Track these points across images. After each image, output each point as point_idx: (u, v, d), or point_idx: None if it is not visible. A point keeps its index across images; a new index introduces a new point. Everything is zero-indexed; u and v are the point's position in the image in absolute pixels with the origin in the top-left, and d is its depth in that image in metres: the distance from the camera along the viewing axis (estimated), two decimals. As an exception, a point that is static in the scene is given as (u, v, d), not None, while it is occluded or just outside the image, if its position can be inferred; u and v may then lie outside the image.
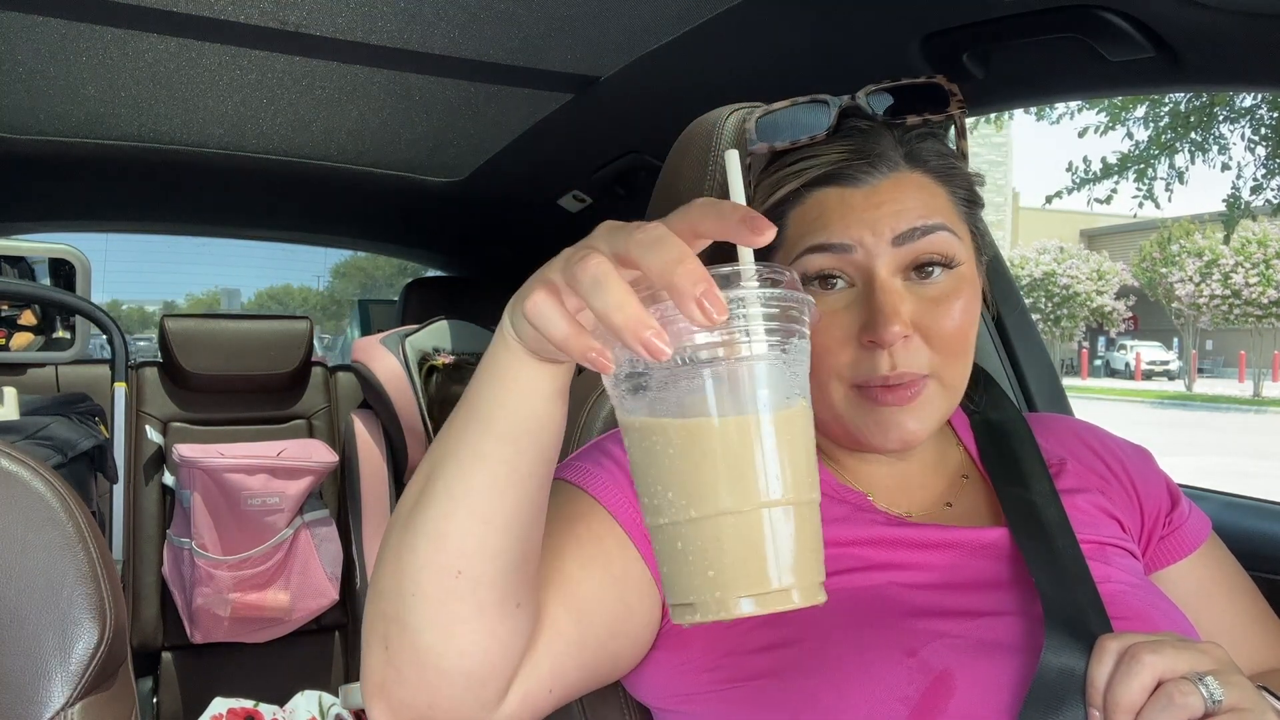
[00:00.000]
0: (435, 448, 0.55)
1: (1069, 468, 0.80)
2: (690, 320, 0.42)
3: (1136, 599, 0.70)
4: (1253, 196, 9.24)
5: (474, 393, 0.53)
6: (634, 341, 0.42)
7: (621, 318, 0.42)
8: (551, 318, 0.45)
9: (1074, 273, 23.95)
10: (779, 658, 0.64)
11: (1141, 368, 25.19)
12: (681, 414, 0.45)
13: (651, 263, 0.43)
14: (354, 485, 2.11)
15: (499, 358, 0.52)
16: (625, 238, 0.44)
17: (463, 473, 0.52)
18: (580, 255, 0.44)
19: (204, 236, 2.72)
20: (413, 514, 0.54)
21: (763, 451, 0.46)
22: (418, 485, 0.55)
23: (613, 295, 0.43)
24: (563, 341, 0.45)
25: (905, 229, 0.69)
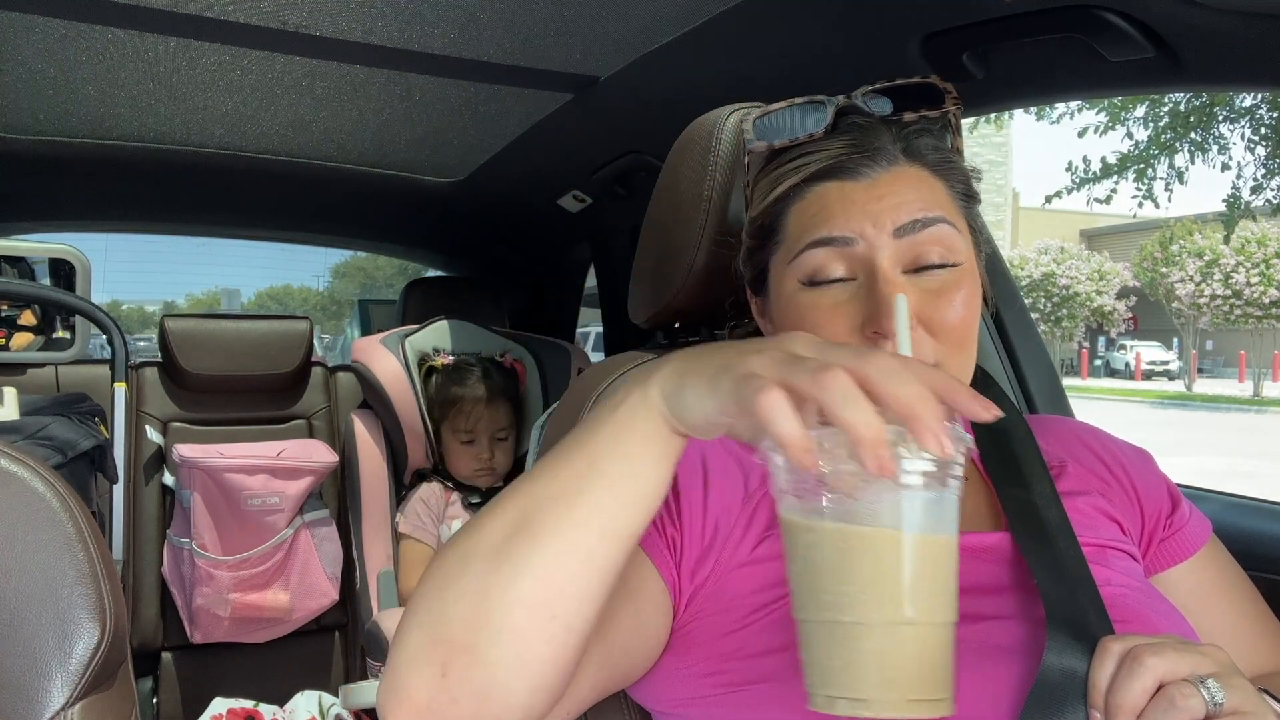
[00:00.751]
0: (537, 487, 0.55)
1: (1069, 470, 0.80)
2: (925, 448, 0.46)
3: (1137, 602, 0.70)
4: (1253, 196, 9.24)
5: (598, 451, 0.54)
6: (872, 457, 0.45)
7: (871, 434, 0.45)
8: (790, 418, 0.46)
9: (1074, 273, 23.95)
10: (780, 662, 0.64)
11: (1141, 368, 25.19)
12: (894, 525, 0.49)
13: (898, 392, 0.46)
14: (354, 485, 2.11)
15: (638, 426, 0.54)
16: (862, 361, 0.47)
17: (576, 523, 0.53)
18: (819, 367, 0.47)
19: (204, 236, 2.72)
20: (510, 551, 0.53)
21: (949, 572, 0.51)
22: (510, 521, 0.54)
23: (863, 412, 0.45)
24: (792, 441, 0.46)
25: (906, 221, 0.69)
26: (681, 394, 0.52)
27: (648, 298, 0.99)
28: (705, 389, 0.51)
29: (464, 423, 2.04)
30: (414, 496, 2.06)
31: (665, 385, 0.53)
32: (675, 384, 0.53)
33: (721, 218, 0.90)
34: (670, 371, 0.54)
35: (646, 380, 0.55)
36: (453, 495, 2.07)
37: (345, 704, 1.66)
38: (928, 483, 0.49)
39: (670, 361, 0.55)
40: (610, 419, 0.54)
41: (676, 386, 0.52)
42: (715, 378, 0.50)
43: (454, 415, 2.04)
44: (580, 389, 0.94)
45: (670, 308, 0.97)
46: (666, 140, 0.98)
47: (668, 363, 0.55)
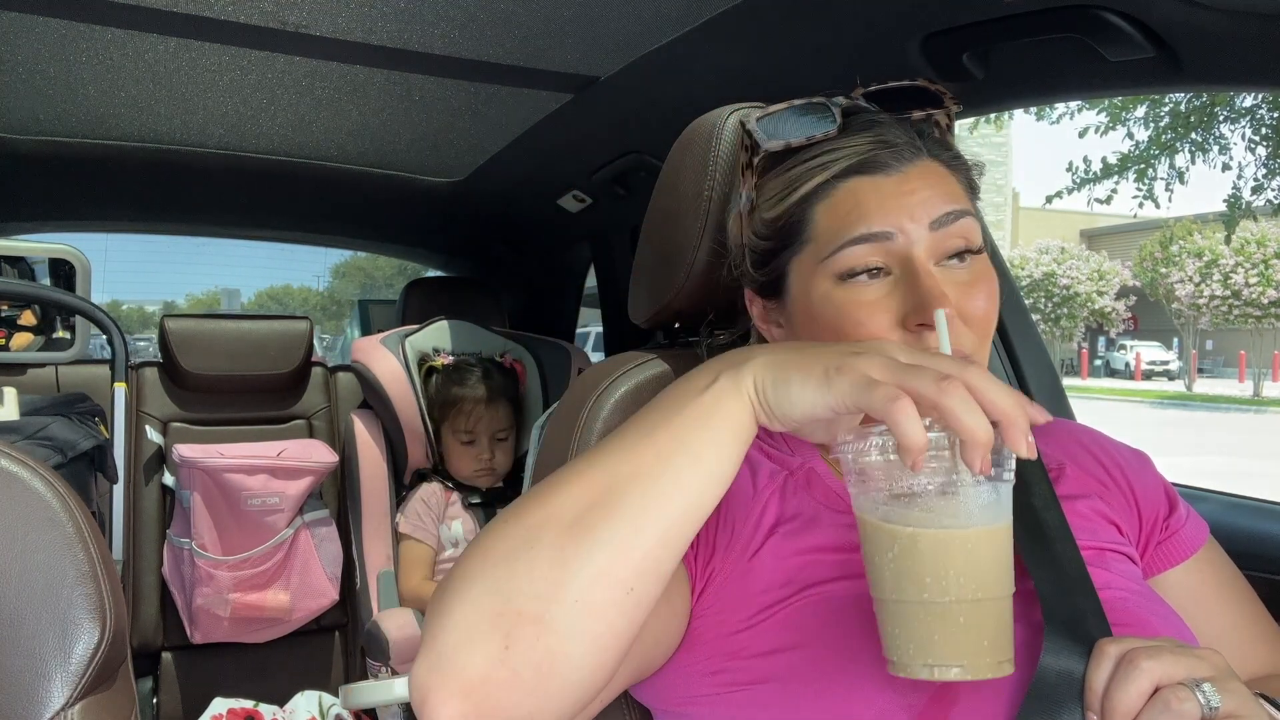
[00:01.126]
0: (615, 463, 0.56)
1: (1068, 473, 0.80)
2: (1015, 450, 0.52)
3: (1136, 605, 0.70)
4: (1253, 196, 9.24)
5: (685, 430, 0.56)
6: (979, 456, 0.51)
7: (985, 438, 0.51)
8: (919, 425, 0.51)
9: (1074, 273, 23.95)
10: (781, 662, 0.64)
11: (1141, 368, 25.18)
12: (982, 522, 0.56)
13: (1000, 400, 0.52)
14: (354, 485, 2.11)
15: (728, 410, 0.56)
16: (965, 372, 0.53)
17: (661, 498, 0.55)
18: (939, 374, 0.52)
19: (204, 236, 2.72)
20: (589, 524, 0.54)
21: (1010, 550, 0.57)
22: (588, 495, 0.55)
23: (980, 419, 0.51)
24: (919, 446, 0.51)
25: (940, 214, 0.70)
26: (785, 387, 0.55)
27: (647, 298, 0.99)
28: (817, 385, 0.54)
29: (464, 423, 2.04)
30: (414, 496, 2.06)
31: (762, 376, 0.56)
32: (775, 377, 0.56)
33: (721, 218, 0.90)
34: (767, 364, 0.57)
35: (737, 368, 0.57)
36: (453, 495, 2.07)
37: (345, 704, 1.66)
38: (1007, 479, 0.56)
39: (762, 353, 0.58)
40: (696, 401, 0.57)
41: (778, 380, 0.56)
42: (827, 376, 0.54)
43: (454, 415, 2.04)
44: (580, 389, 0.94)
45: (670, 308, 0.97)
46: (666, 140, 0.98)
47: (759, 354, 0.58)
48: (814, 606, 0.66)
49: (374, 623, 1.89)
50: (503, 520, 0.57)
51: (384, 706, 1.69)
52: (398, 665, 1.85)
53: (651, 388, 0.94)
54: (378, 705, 1.66)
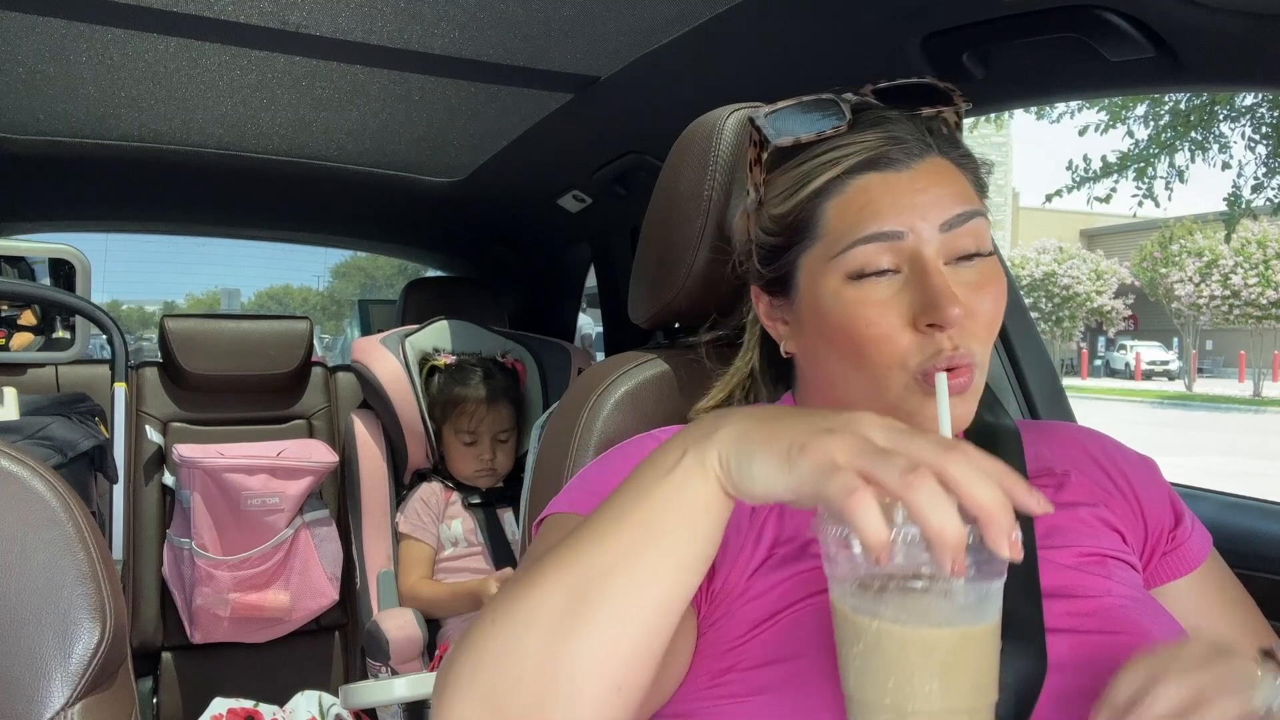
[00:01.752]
0: (591, 553, 0.54)
1: (1073, 480, 0.80)
2: (997, 552, 0.47)
3: (1138, 613, 0.70)
4: (1253, 195, 9.24)
5: (653, 516, 0.54)
6: (949, 559, 0.46)
7: (954, 539, 0.46)
8: (878, 521, 0.47)
9: (1074, 273, 23.95)
10: (779, 673, 0.64)
11: (1141, 368, 25.17)
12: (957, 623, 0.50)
13: (979, 494, 0.47)
14: (354, 485, 2.11)
15: (694, 491, 0.53)
16: (944, 459, 0.47)
17: (639, 593, 0.53)
18: (907, 465, 0.47)
19: (204, 236, 2.72)
20: (571, 626, 0.53)
21: (996, 654, 0.53)
22: (567, 589, 0.54)
23: (950, 517, 0.46)
24: (878, 544, 0.46)
25: (951, 216, 0.69)
26: (749, 464, 0.51)
27: (648, 298, 0.99)
28: (778, 466, 0.50)
29: (466, 423, 2.04)
30: (414, 496, 2.06)
31: (726, 451, 0.53)
32: (739, 451, 0.52)
33: (721, 218, 0.90)
34: (732, 437, 0.53)
35: (703, 443, 0.54)
36: (453, 495, 2.07)
37: (345, 704, 1.66)
38: (990, 579, 0.51)
39: (729, 424, 0.54)
40: (664, 482, 0.54)
41: (741, 455, 0.52)
42: (790, 456, 0.50)
43: (456, 416, 2.04)
44: (580, 389, 0.94)
45: (670, 308, 0.97)
46: (666, 140, 0.98)
47: (726, 425, 0.54)
48: (806, 618, 0.66)
49: (374, 623, 1.89)
50: (490, 616, 0.56)
51: (384, 706, 1.69)
52: (398, 665, 1.85)
53: (651, 387, 0.94)
54: (378, 705, 1.66)
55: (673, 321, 1.02)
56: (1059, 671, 0.66)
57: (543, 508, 0.76)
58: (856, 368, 0.71)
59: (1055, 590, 0.70)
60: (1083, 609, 0.70)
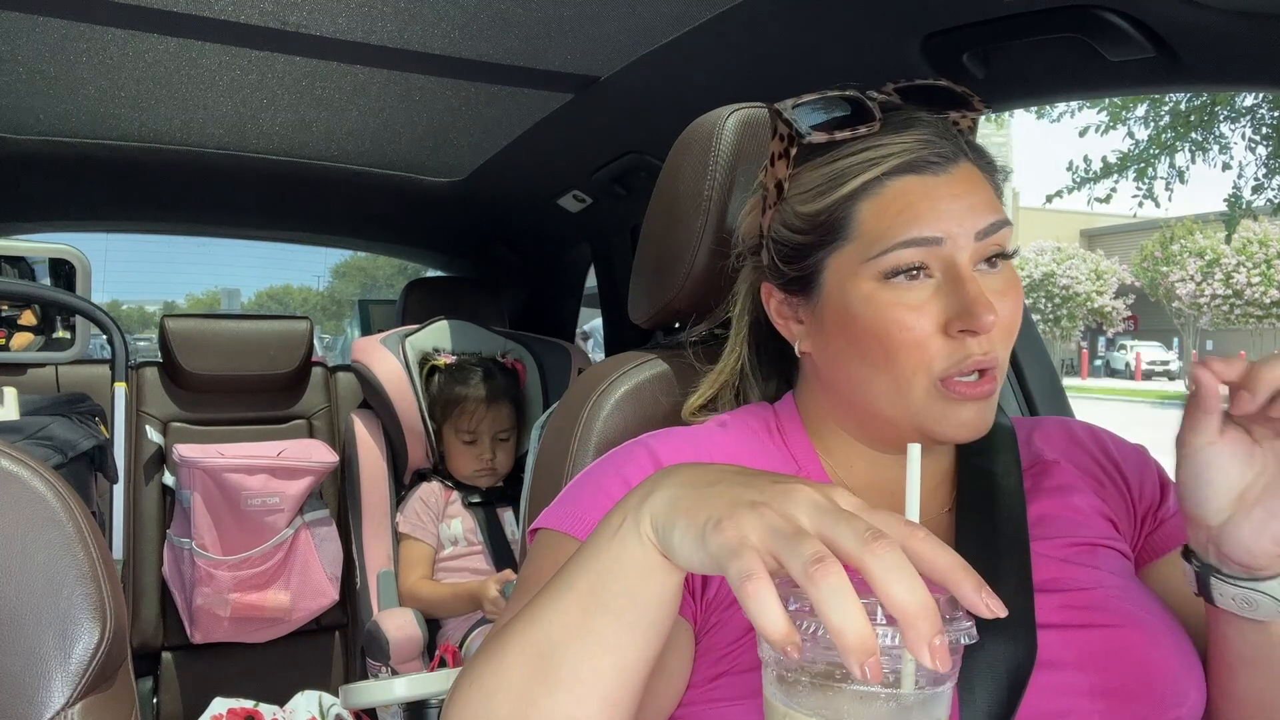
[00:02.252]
0: (546, 617, 0.53)
1: (1062, 467, 0.80)
2: (919, 661, 0.42)
3: (1130, 603, 0.70)
4: (1254, 196, 9.25)
5: (597, 583, 0.52)
6: (858, 663, 0.42)
7: (856, 641, 0.41)
8: (775, 612, 0.43)
9: (1074, 273, 23.95)
10: None
11: (1141, 368, 25.17)
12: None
13: (901, 598, 0.42)
14: (354, 485, 2.11)
15: (632, 557, 0.51)
16: (866, 552, 0.43)
17: (592, 660, 0.52)
18: (814, 555, 0.43)
19: (204, 236, 2.72)
20: (533, 694, 0.53)
21: None
22: (527, 658, 0.53)
23: (852, 615, 0.42)
24: (775, 637, 0.43)
25: (986, 225, 0.70)
26: (670, 534, 0.49)
27: (648, 298, 0.99)
28: (695, 538, 0.48)
29: (467, 423, 2.04)
30: (413, 496, 2.06)
31: (658, 518, 0.50)
32: (666, 519, 0.50)
33: (721, 218, 0.90)
34: (663, 503, 0.51)
35: (639, 508, 0.52)
36: (452, 494, 2.07)
37: (345, 704, 1.66)
38: (921, 686, 0.46)
39: (664, 488, 0.52)
40: (607, 547, 0.52)
41: (667, 523, 0.50)
42: (703, 532, 0.47)
43: (457, 415, 2.04)
44: (580, 389, 0.94)
45: (670, 308, 0.97)
46: (666, 140, 0.98)
47: (661, 489, 0.52)
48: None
49: (374, 623, 1.89)
50: (468, 678, 0.56)
51: (384, 706, 1.69)
52: (398, 665, 1.85)
53: (651, 388, 0.94)
54: (378, 705, 1.66)
55: (673, 321, 1.02)
56: (1054, 667, 0.66)
57: (542, 508, 0.76)
58: (881, 371, 0.71)
59: (1047, 584, 0.70)
60: (1075, 602, 0.70)
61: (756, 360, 0.86)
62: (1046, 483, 0.78)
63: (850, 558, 0.43)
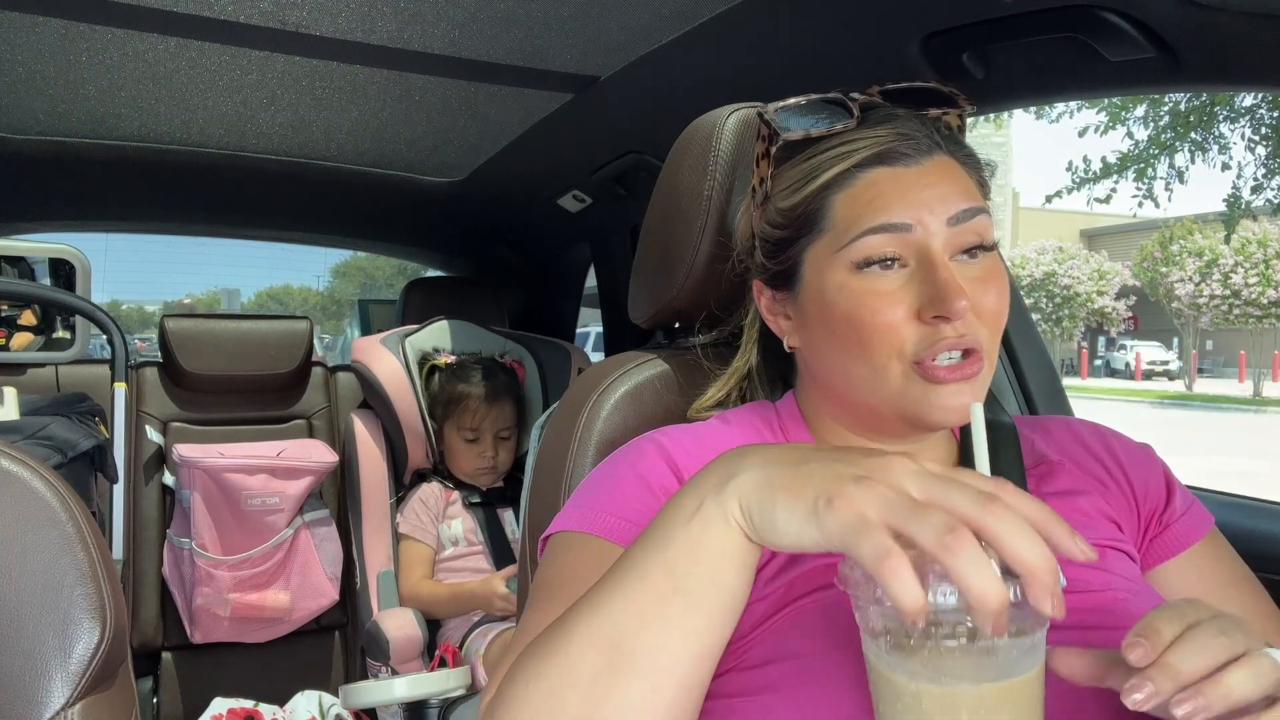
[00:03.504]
0: (619, 608, 0.53)
1: (1067, 469, 0.80)
2: (1040, 610, 0.45)
3: (1136, 606, 0.70)
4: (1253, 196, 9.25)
5: (675, 569, 0.52)
6: (989, 621, 0.44)
7: (998, 604, 0.43)
8: (914, 587, 0.44)
9: (1074, 273, 23.95)
10: (778, 671, 0.64)
11: (1141, 368, 25.18)
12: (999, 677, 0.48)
13: (1022, 551, 0.44)
14: (354, 485, 2.11)
15: (716, 541, 0.51)
16: (984, 513, 0.45)
17: (669, 647, 0.52)
18: (945, 526, 0.44)
19: (204, 236, 2.72)
20: (606, 689, 0.52)
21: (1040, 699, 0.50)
22: (599, 648, 0.53)
23: (992, 581, 0.43)
24: (914, 609, 0.44)
25: (958, 211, 0.70)
26: (772, 515, 0.49)
27: (647, 298, 1.00)
28: (804, 518, 0.47)
29: (469, 420, 2.04)
30: (413, 497, 2.06)
31: (748, 499, 0.50)
32: (762, 500, 0.50)
33: (721, 218, 0.90)
34: (754, 484, 0.50)
35: (721, 490, 0.51)
36: (452, 494, 2.07)
37: (345, 704, 1.66)
38: (1032, 632, 0.49)
39: (749, 469, 0.51)
40: (684, 531, 0.52)
41: (764, 504, 0.49)
42: (816, 509, 0.47)
43: (459, 413, 2.04)
44: (580, 389, 0.94)
45: (670, 308, 0.97)
46: (666, 140, 0.98)
47: (746, 469, 0.51)
48: (805, 616, 0.66)
49: (374, 623, 1.89)
50: (525, 675, 0.55)
51: (384, 706, 1.69)
52: (398, 665, 1.85)
53: (651, 388, 0.94)
54: (378, 705, 1.66)
55: (673, 321, 1.02)
56: None
57: (543, 508, 0.76)
58: (858, 359, 0.72)
59: None
60: (1083, 604, 0.69)
61: (762, 363, 0.87)
62: (1051, 485, 0.78)
63: (971, 521, 0.45)
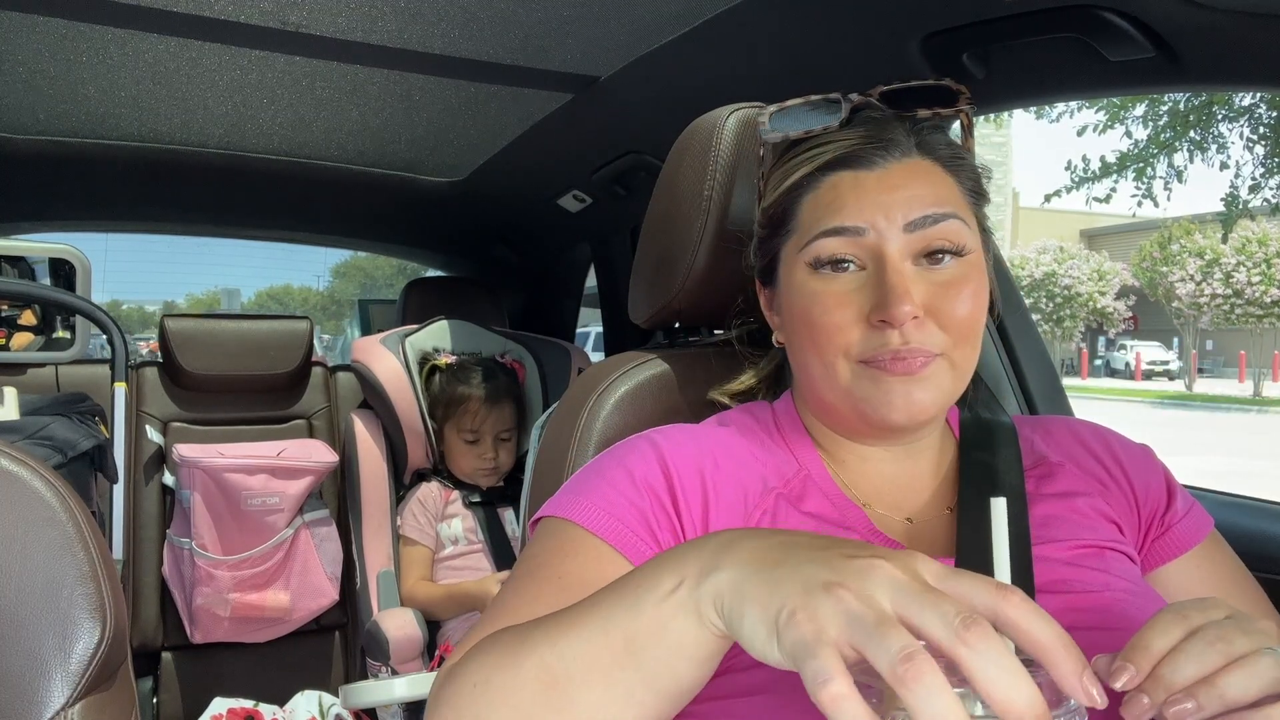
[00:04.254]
0: (572, 654, 0.51)
1: (1067, 470, 0.80)
2: (1074, 697, 0.40)
3: (1136, 608, 0.70)
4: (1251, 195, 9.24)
5: (635, 643, 0.50)
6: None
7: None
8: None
9: (1075, 273, 23.95)
10: (771, 674, 0.64)
11: (1141, 368, 25.18)
12: None
13: (999, 692, 0.39)
14: (354, 485, 2.11)
15: (680, 630, 0.48)
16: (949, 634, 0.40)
17: (611, 709, 0.51)
18: (902, 652, 0.39)
19: (204, 236, 2.72)
20: (549, 714, 0.52)
21: None
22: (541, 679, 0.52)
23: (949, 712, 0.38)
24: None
25: (917, 216, 0.70)
26: (740, 621, 0.46)
27: (648, 298, 1.00)
28: (766, 635, 0.44)
29: (469, 422, 2.04)
30: (411, 498, 2.06)
31: (720, 602, 0.47)
32: (734, 606, 0.46)
33: (721, 218, 0.90)
34: (730, 586, 0.47)
35: (702, 581, 0.48)
36: (452, 494, 2.07)
37: (345, 704, 1.66)
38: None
39: (731, 565, 0.48)
40: (655, 609, 0.49)
41: (735, 610, 0.46)
42: (776, 624, 0.43)
43: (459, 414, 2.04)
44: (580, 389, 0.94)
45: (670, 308, 0.97)
46: (666, 140, 0.98)
47: (728, 564, 0.48)
48: None
49: (374, 622, 1.89)
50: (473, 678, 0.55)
51: (384, 706, 1.69)
52: (398, 665, 1.85)
53: (651, 388, 0.94)
54: (378, 705, 1.66)
55: (673, 321, 1.02)
56: None
57: (542, 507, 0.76)
58: (812, 356, 0.74)
59: (1052, 586, 0.70)
60: (1080, 604, 0.69)
61: (776, 365, 0.90)
62: (1051, 486, 0.78)
63: (943, 649, 0.40)
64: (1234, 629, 0.52)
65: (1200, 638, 0.51)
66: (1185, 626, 0.52)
